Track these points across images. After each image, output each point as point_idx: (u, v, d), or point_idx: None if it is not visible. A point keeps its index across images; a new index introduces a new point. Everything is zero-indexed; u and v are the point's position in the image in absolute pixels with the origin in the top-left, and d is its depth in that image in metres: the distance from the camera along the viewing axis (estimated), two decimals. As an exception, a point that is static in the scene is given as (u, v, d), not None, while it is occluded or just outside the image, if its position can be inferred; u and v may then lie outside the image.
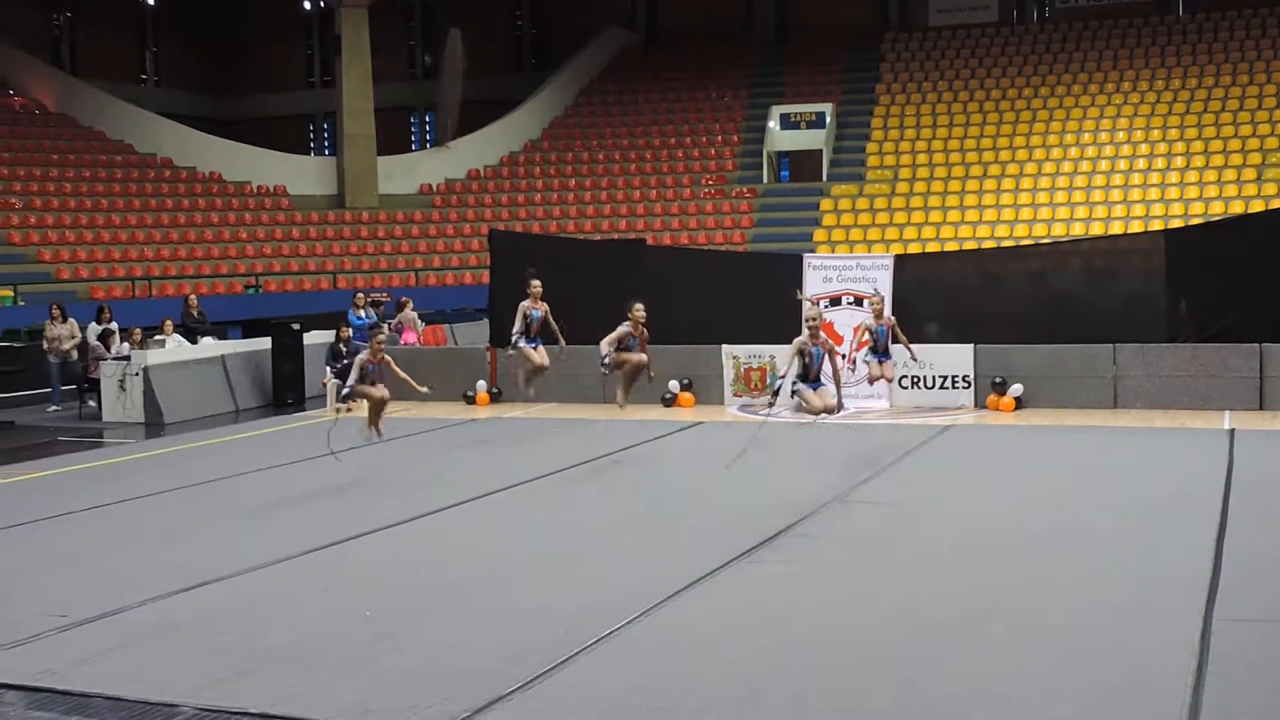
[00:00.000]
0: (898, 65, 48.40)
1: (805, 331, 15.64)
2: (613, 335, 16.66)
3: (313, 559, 11.63)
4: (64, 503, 14.68)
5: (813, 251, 34.94)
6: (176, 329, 25.06)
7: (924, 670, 8.22)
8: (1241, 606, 9.33)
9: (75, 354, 24.73)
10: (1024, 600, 9.70)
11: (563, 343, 18.02)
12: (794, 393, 15.94)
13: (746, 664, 8.41)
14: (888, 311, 18.55)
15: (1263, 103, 42.04)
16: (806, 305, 18.01)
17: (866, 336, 17.90)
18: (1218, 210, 37.25)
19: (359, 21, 43.08)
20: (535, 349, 18.17)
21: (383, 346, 16.25)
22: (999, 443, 17.83)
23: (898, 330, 17.84)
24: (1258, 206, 35.87)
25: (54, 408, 24.45)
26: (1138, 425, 18.71)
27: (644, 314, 16.89)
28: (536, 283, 18.10)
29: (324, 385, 23.26)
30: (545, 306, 18.18)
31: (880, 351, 17.66)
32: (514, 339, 18.05)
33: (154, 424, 22.11)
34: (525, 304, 18.31)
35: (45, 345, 25.00)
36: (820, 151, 44.93)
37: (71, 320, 24.89)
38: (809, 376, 15.56)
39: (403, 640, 9.08)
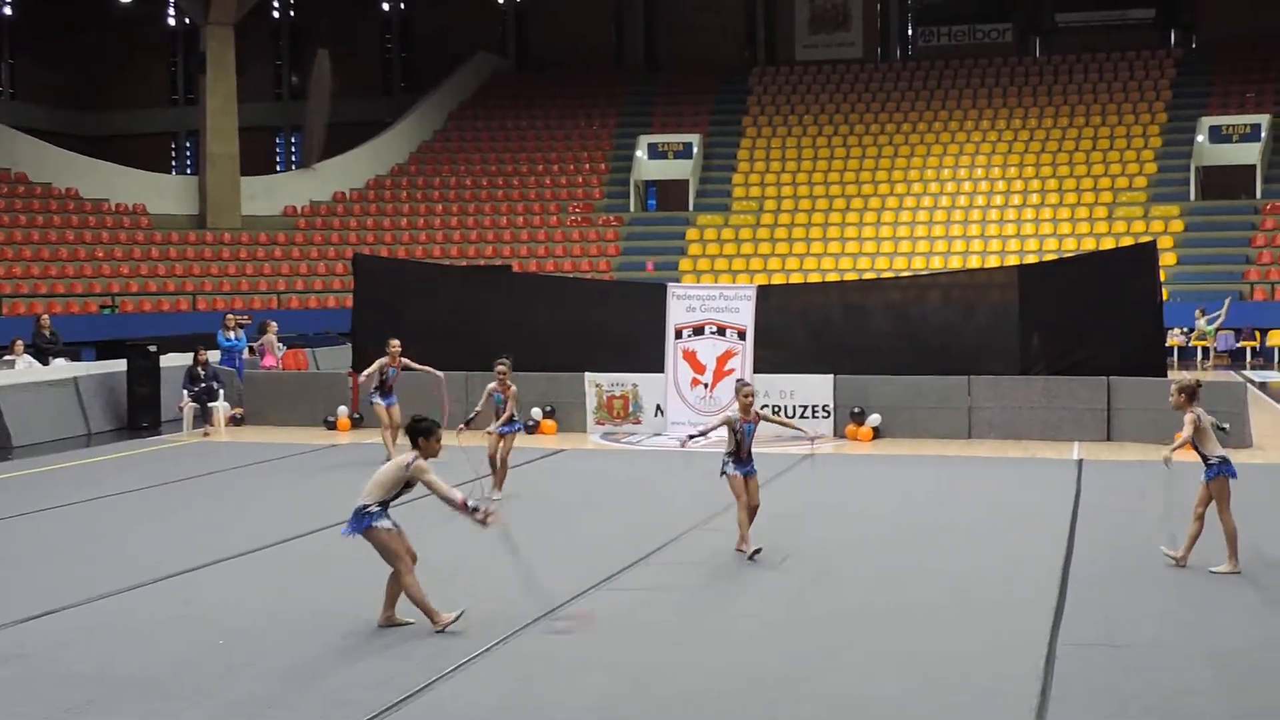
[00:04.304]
0: (764, 98, 49.04)
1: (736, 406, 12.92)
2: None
3: (166, 586, 11.42)
4: (-94, 527, 14.23)
5: (678, 281, 35.20)
6: (27, 349, 24.45)
7: (784, 698, 8.34)
8: (1085, 631, 9.61)
9: None
10: (881, 628, 9.88)
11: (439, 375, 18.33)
12: (723, 473, 12.79)
13: (607, 694, 8.45)
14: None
15: (1114, 143, 43.38)
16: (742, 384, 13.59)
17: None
18: (1071, 246, 38.29)
19: (225, 39, 42.51)
20: (390, 406, 18.40)
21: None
22: (856, 472, 18.10)
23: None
24: (1109, 243, 36.93)
25: None
26: (991, 455, 19.13)
27: (506, 368, 15.63)
28: (395, 342, 18.43)
29: (180, 409, 22.87)
30: (404, 363, 18.47)
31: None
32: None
33: (1, 447, 21.54)
34: (383, 361, 18.49)
35: None
36: (687, 181, 45.35)
37: None
38: (740, 455, 12.70)
39: (260, 669, 8.97)
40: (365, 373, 19.17)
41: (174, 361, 24.21)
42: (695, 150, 45.50)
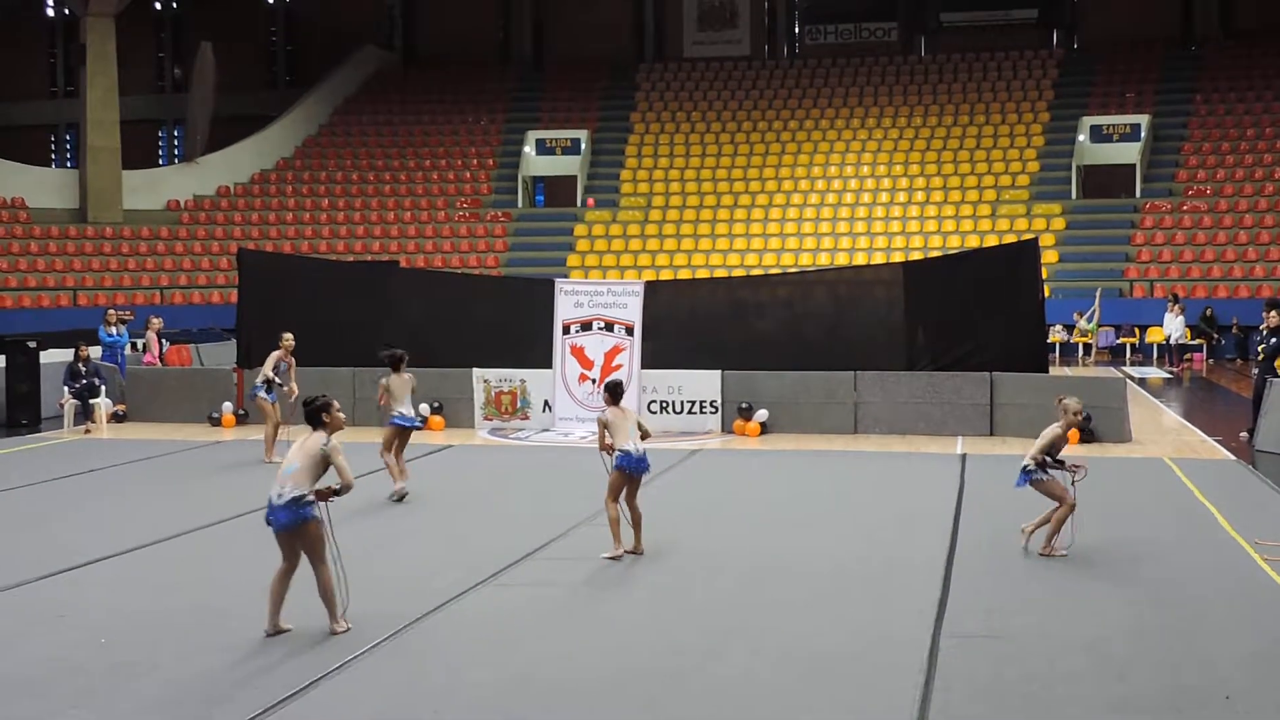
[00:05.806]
0: (652, 94, 49.18)
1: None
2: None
3: (46, 585, 11.21)
4: None
5: (566, 276, 35.19)
6: (-99, 346, 23.82)
7: (667, 691, 8.39)
8: (967, 622, 9.78)
9: None
10: (764, 621, 9.97)
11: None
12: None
13: (493, 688, 8.45)
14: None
15: (998, 141, 44.10)
16: None
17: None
18: (956, 243, 38.86)
19: (106, 31, 41.70)
20: (274, 402, 18.29)
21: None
22: (744, 467, 18.23)
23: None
24: (992, 240, 37.55)
25: None
26: (876, 450, 19.35)
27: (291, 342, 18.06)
28: (289, 336, 18.31)
29: (61, 405, 22.44)
30: (292, 360, 18.41)
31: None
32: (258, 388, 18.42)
33: (-126, 445, 20.97)
34: (278, 354, 18.41)
35: None
36: (575, 177, 45.35)
37: None
38: None
39: (141, 668, 8.84)
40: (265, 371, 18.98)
41: (54, 358, 23.76)
42: (583, 146, 45.52)
